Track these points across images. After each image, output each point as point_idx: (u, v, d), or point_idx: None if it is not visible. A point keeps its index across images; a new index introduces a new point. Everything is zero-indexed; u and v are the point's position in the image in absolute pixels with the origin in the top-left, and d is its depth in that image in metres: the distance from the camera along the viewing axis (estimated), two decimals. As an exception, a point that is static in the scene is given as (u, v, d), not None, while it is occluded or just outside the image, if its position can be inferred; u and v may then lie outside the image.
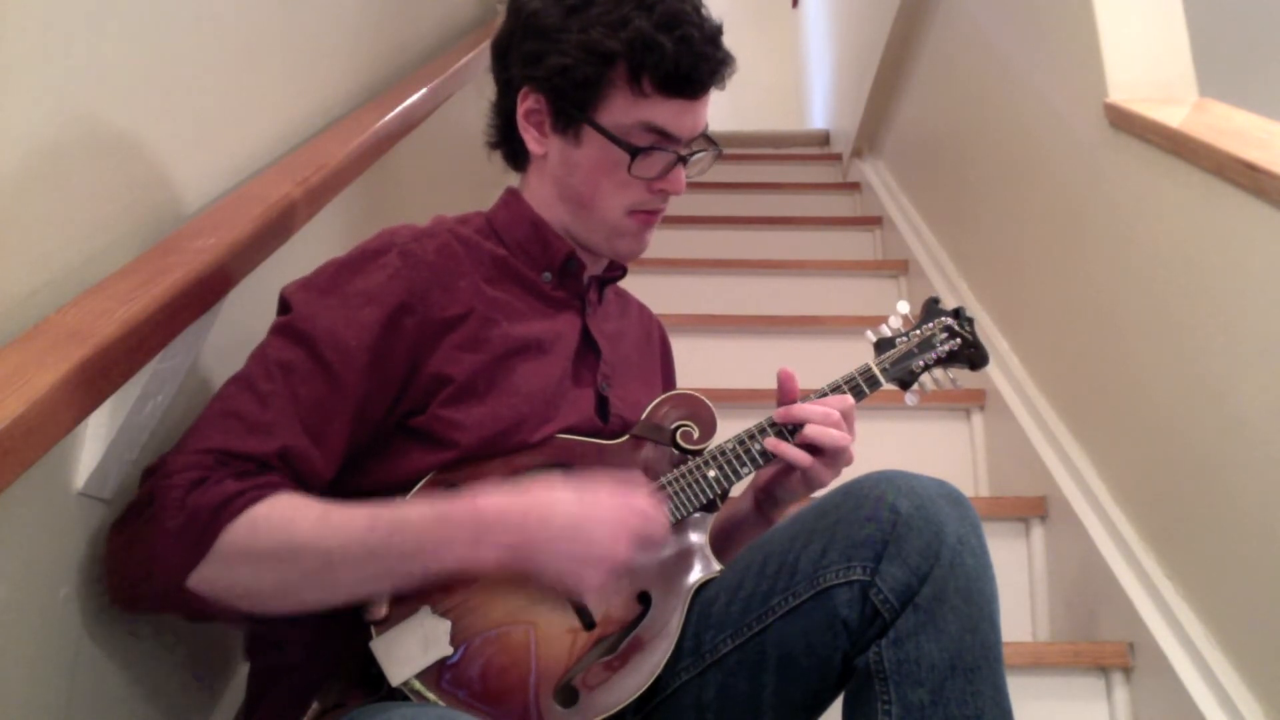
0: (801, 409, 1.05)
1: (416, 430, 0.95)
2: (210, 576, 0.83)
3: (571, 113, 1.02)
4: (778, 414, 1.06)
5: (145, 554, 0.84)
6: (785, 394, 1.08)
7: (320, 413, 0.91)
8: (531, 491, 0.89)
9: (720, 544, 1.10)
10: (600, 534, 0.88)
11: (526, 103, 1.05)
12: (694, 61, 0.99)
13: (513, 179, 1.18)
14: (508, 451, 0.96)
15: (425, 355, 0.96)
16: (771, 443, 1.05)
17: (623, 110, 1.01)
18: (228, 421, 0.89)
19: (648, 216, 1.06)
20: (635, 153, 1.01)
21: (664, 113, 1.01)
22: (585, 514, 0.88)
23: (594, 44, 0.99)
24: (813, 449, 1.04)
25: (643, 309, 1.27)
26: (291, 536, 0.84)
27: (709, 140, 1.07)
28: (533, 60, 1.03)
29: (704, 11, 1.03)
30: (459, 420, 0.94)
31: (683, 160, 1.04)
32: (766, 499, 1.11)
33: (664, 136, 1.02)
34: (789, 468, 1.05)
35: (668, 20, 0.99)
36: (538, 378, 1.01)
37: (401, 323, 0.94)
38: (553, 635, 0.93)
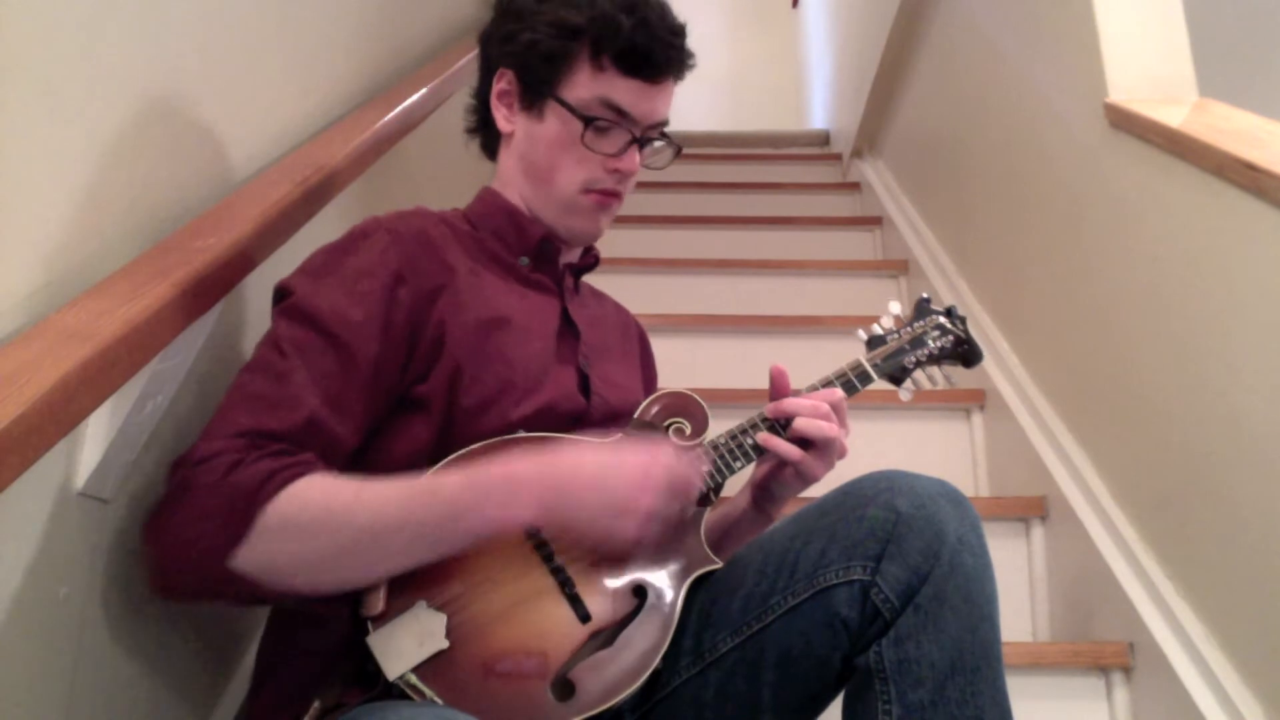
0: (790, 402, 1.06)
1: (414, 400, 0.97)
2: (253, 555, 0.83)
3: (538, 88, 1.10)
4: (768, 409, 1.07)
5: (186, 539, 0.84)
6: (777, 390, 1.09)
7: (338, 385, 0.93)
8: (561, 450, 0.91)
9: (717, 541, 1.10)
10: (626, 481, 0.89)
11: (500, 83, 1.13)
12: (649, 42, 1.07)
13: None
14: (491, 425, 0.98)
15: (422, 323, 0.99)
16: (763, 437, 1.06)
17: (584, 85, 1.08)
18: (251, 403, 0.90)
19: (602, 197, 1.11)
20: (589, 122, 1.07)
21: (621, 90, 1.08)
22: (612, 464, 0.90)
23: (561, 20, 1.07)
24: (803, 442, 1.05)
25: (618, 306, 1.30)
26: (330, 509, 0.85)
27: (668, 139, 1.13)
28: (507, 39, 1.11)
29: (667, 6, 1.11)
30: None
31: (639, 143, 1.10)
32: (763, 495, 1.11)
33: (620, 114, 1.08)
34: (782, 463, 1.06)
35: (629, 3, 1.07)
36: (520, 351, 1.03)
37: (397, 293, 0.98)
38: (549, 629, 0.93)
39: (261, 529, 0.83)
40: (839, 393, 1.09)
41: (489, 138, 1.19)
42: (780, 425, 1.07)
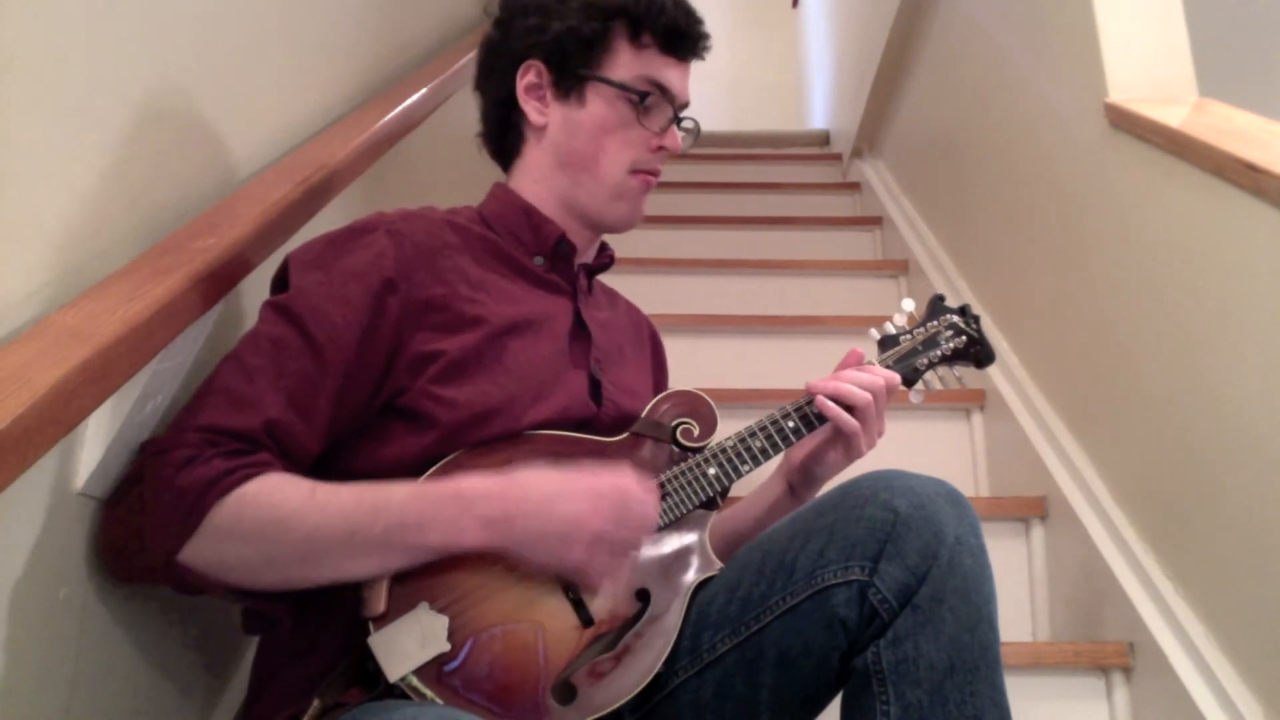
0: (843, 374, 1.09)
1: (403, 410, 0.96)
2: (199, 551, 0.85)
3: (576, 73, 1.09)
4: (811, 385, 1.09)
5: (138, 529, 0.86)
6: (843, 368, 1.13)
7: (306, 387, 0.93)
8: (514, 473, 0.91)
9: (742, 538, 1.11)
10: (575, 505, 0.89)
11: (527, 76, 1.11)
12: (688, 20, 1.09)
13: (511, 181, 1.18)
14: (495, 433, 0.97)
15: (408, 335, 0.97)
16: (822, 403, 1.07)
17: (625, 65, 1.09)
18: (216, 398, 0.91)
19: (647, 177, 1.12)
20: (644, 96, 1.08)
21: (661, 68, 1.10)
22: (561, 488, 0.90)
23: (597, 3, 1.08)
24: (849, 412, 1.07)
25: (631, 306, 1.28)
26: (277, 513, 0.86)
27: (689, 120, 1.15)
28: (535, 32, 1.10)
29: None
30: (446, 397, 0.96)
31: (678, 121, 1.12)
32: (802, 480, 1.12)
33: (663, 92, 1.10)
34: (827, 443, 1.08)
35: None
36: (529, 356, 1.02)
37: (386, 301, 0.97)
38: (551, 632, 0.93)
39: (208, 529, 0.84)
40: (895, 378, 1.11)
41: (506, 142, 1.16)
42: (813, 418, 1.08)
